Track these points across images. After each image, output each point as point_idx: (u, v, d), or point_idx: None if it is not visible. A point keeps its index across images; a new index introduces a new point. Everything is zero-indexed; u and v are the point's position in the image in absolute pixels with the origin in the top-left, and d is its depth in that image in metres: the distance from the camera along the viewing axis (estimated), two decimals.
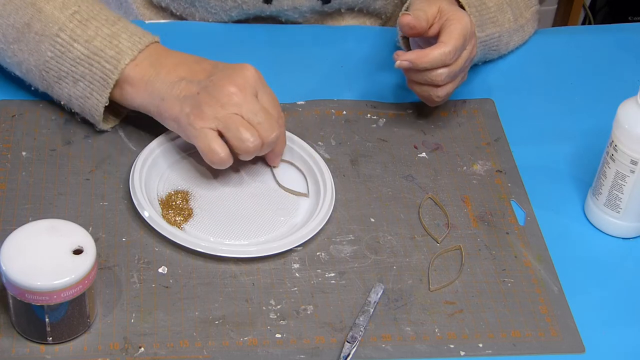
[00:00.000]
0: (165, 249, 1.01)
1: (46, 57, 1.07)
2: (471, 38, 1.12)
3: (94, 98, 1.07)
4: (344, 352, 0.94)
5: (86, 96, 1.07)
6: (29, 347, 0.92)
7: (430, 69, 1.09)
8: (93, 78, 1.06)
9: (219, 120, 1.01)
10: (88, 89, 1.07)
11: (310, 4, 1.29)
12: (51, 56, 1.07)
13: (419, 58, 1.09)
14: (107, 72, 1.06)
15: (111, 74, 1.06)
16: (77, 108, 1.10)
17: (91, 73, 1.06)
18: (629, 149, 1.02)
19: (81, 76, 1.07)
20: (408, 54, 1.09)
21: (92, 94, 1.07)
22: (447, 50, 1.08)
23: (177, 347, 0.93)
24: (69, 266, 0.89)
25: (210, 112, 1.01)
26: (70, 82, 1.07)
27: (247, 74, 1.04)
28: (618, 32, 1.39)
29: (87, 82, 1.07)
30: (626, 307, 1.01)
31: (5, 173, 1.07)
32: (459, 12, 1.11)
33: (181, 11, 1.30)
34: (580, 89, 1.27)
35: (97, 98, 1.07)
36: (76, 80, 1.07)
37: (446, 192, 1.11)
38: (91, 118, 1.10)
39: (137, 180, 1.05)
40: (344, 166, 1.13)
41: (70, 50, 1.06)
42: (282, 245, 1.01)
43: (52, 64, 1.07)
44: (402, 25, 1.10)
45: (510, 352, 0.96)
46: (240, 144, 1.02)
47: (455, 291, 1.01)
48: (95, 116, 1.09)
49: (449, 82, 1.12)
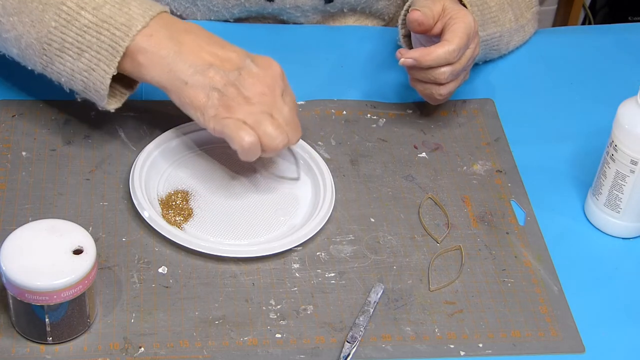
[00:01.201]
0: (165, 249, 1.01)
1: (50, 27, 1.02)
2: (474, 37, 1.12)
3: (100, 69, 1.02)
4: (344, 352, 0.94)
5: (92, 68, 1.02)
6: (29, 347, 0.92)
7: (434, 67, 1.09)
8: (100, 47, 1.01)
9: (248, 115, 1.00)
10: (94, 60, 1.02)
11: (312, 3, 1.29)
12: (55, 26, 1.02)
13: (423, 56, 1.09)
14: (117, 40, 1.01)
15: (121, 41, 1.01)
16: (79, 85, 1.04)
17: (99, 42, 1.01)
18: (629, 149, 1.02)
19: (87, 46, 1.02)
20: (412, 52, 1.09)
21: (99, 65, 1.02)
22: (451, 48, 1.08)
23: (177, 347, 0.93)
24: (69, 266, 0.89)
25: (239, 108, 1.00)
26: (75, 54, 1.02)
27: (275, 74, 1.03)
28: (618, 32, 1.39)
29: (94, 52, 1.02)
30: (626, 307, 1.01)
31: (5, 173, 1.07)
32: (463, 10, 1.11)
33: (182, 10, 1.30)
34: (580, 89, 1.27)
35: (104, 69, 1.02)
36: (82, 51, 1.02)
37: (446, 192, 1.11)
38: (96, 94, 1.04)
39: (137, 180, 1.05)
40: (344, 166, 1.13)
41: (76, 19, 1.02)
42: (282, 245, 1.02)
43: (56, 35, 1.02)
44: (410, 21, 1.10)
45: (510, 352, 0.96)
46: (270, 141, 1.01)
47: (455, 291, 1.01)
48: (101, 90, 1.03)
49: (452, 81, 1.12)
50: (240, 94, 1.01)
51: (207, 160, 1.10)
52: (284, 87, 1.04)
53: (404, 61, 1.10)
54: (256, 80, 1.02)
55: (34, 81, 1.11)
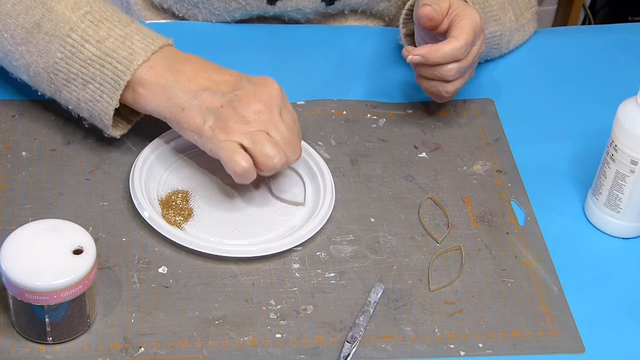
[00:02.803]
0: (165, 249, 1.01)
1: (56, 58, 1.04)
2: (480, 33, 1.12)
3: (104, 101, 1.04)
4: (344, 352, 0.94)
5: (96, 99, 1.04)
6: (29, 347, 0.92)
7: (441, 64, 1.09)
8: (104, 80, 1.04)
9: (244, 135, 1.00)
10: (98, 92, 1.04)
11: (313, 5, 1.29)
12: (61, 57, 1.04)
13: (431, 53, 1.08)
14: (119, 73, 1.03)
15: (123, 75, 1.03)
16: (85, 113, 1.07)
17: (102, 74, 1.03)
18: (629, 149, 1.02)
19: (91, 78, 1.04)
20: (419, 49, 1.09)
21: (102, 97, 1.04)
22: (459, 45, 1.08)
23: (177, 347, 0.93)
24: (69, 266, 0.89)
25: (236, 128, 1.00)
26: (80, 85, 1.05)
27: (272, 92, 1.03)
28: (618, 32, 1.39)
29: (98, 84, 1.04)
30: (626, 307, 1.01)
31: (5, 173, 1.07)
32: (469, 7, 1.11)
33: (184, 12, 1.29)
34: (580, 89, 1.27)
35: (107, 101, 1.04)
36: (86, 82, 1.04)
37: (446, 192, 1.11)
38: (100, 123, 1.07)
39: (137, 180, 1.05)
40: (344, 166, 1.13)
41: (81, 51, 1.04)
42: (282, 245, 1.02)
43: (62, 65, 1.04)
44: (421, 16, 1.09)
45: (510, 352, 0.96)
46: (267, 161, 1.00)
47: (455, 291, 1.01)
48: (105, 120, 1.05)
49: (458, 78, 1.12)
50: (237, 114, 1.01)
51: (207, 161, 1.10)
52: (282, 104, 1.04)
53: (411, 58, 1.09)
54: (252, 99, 1.02)
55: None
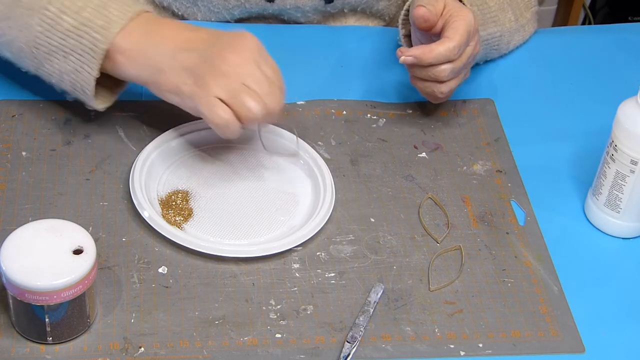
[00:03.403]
0: (165, 249, 1.01)
1: (36, 31, 1.04)
2: (474, 34, 1.12)
3: (85, 71, 1.04)
4: (344, 352, 0.94)
5: (77, 70, 1.04)
6: (29, 347, 0.92)
7: (435, 65, 1.09)
8: (83, 50, 1.03)
9: (222, 89, 1.00)
10: (79, 62, 1.04)
11: (313, 3, 1.29)
12: (40, 30, 1.04)
13: (424, 54, 1.08)
14: (97, 42, 1.03)
15: (100, 44, 1.02)
16: (69, 85, 1.06)
17: (81, 45, 1.03)
18: (629, 149, 1.02)
19: (71, 49, 1.04)
20: (413, 50, 1.09)
21: (83, 67, 1.04)
22: (452, 45, 1.08)
23: (177, 347, 0.93)
24: (69, 266, 0.89)
25: (214, 83, 1.00)
26: (61, 57, 1.04)
27: (248, 43, 1.03)
28: (618, 32, 1.39)
29: (78, 55, 1.04)
30: (626, 307, 1.01)
31: (5, 173, 1.07)
32: (463, 8, 1.11)
33: (183, 10, 1.30)
34: (580, 89, 1.27)
35: (87, 71, 1.04)
36: (67, 54, 1.04)
37: (446, 192, 1.11)
38: (83, 95, 1.06)
39: (137, 180, 1.05)
40: (344, 166, 1.13)
41: (59, 23, 1.03)
42: (282, 245, 1.01)
43: (42, 39, 1.04)
44: (416, 17, 1.09)
45: (510, 352, 0.96)
46: (246, 113, 1.00)
47: (455, 291, 1.01)
48: (87, 91, 1.05)
49: (453, 79, 1.12)
50: (214, 68, 1.01)
51: (207, 161, 1.10)
52: (261, 57, 1.03)
53: (404, 59, 1.09)
54: (228, 52, 1.01)
55: (34, 81, 1.11)
